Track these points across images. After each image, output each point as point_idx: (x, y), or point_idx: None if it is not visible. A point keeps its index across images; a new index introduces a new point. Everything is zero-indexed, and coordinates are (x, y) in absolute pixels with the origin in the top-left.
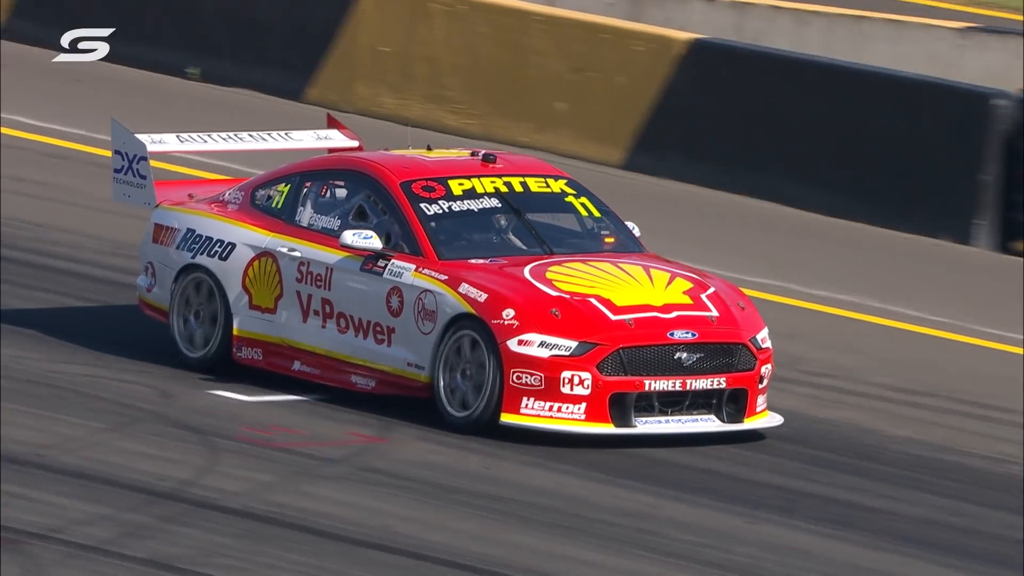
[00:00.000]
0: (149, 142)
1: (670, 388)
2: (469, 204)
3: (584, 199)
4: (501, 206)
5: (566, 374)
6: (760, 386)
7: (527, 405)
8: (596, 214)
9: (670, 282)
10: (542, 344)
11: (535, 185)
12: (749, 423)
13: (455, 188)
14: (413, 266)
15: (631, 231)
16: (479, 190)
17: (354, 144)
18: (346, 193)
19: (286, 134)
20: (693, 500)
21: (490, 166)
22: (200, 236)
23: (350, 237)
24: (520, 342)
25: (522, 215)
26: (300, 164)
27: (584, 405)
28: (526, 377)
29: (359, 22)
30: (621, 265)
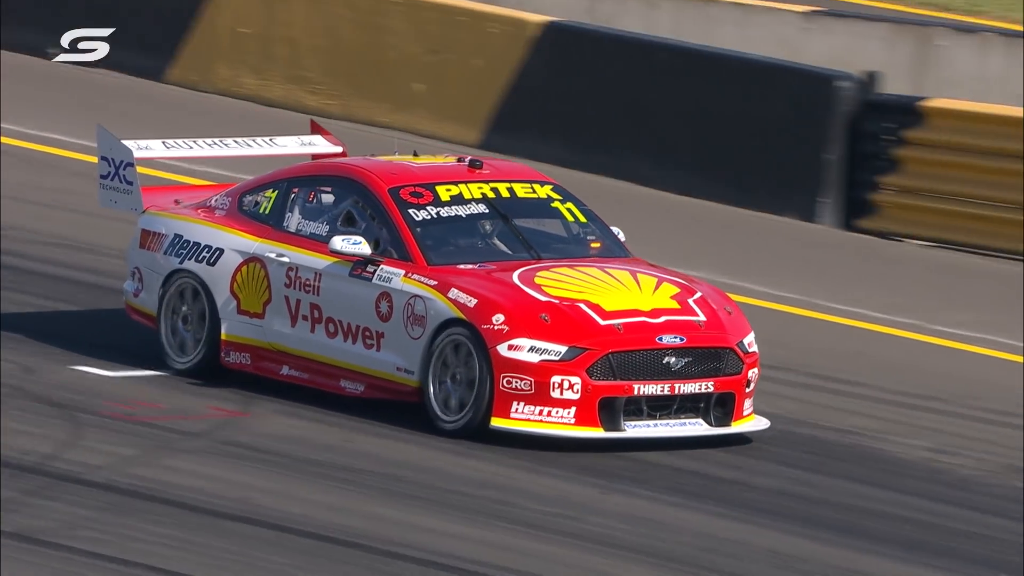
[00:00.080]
0: (135, 148)
1: (659, 392)
2: (457, 210)
3: (570, 204)
4: (488, 212)
5: (556, 379)
6: (747, 390)
7: (517, 409)
8: (582, 219)
9: (657, 287)
10: (532, 349)
11: (521, 191)
12: (736, 426)
13: (443, 194)
14: (402, 271)
15: (616, 236)
16: (466, 196)
17: (338, 150)
18: (334, 199)
19: (270, 140)
20: (547, 472)
21: (476, 172)
22: (188, 241)
23: (339, 243)
24: (510, 347)
25: (509, 221)
26: (287, 170)
27: (574, 409)
28: (516, 382)
29: (219, 4)
30: (608, 270)
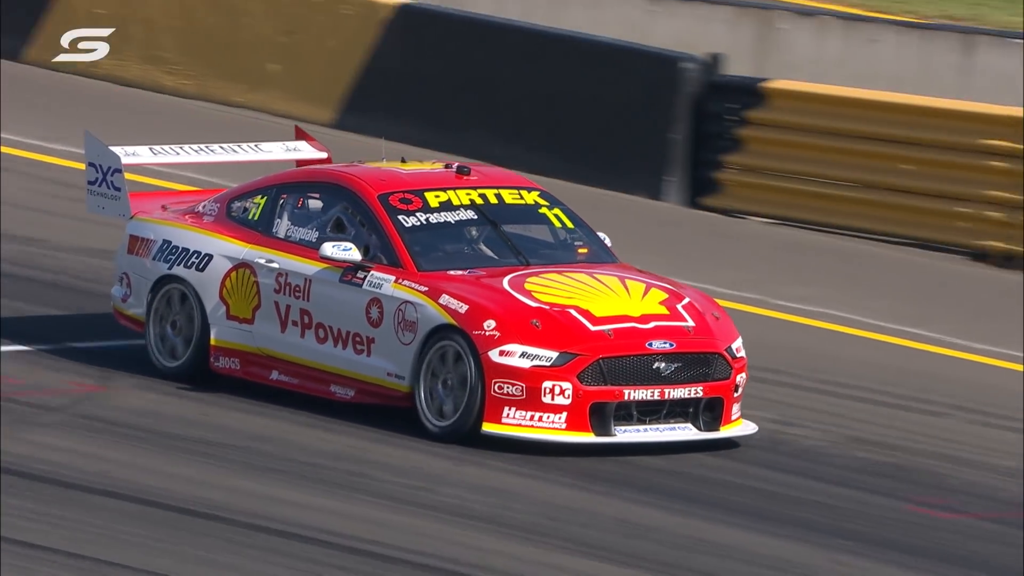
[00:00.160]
0: (123, 154)
1: (649, 397)
2: (446, 216)
3: (557, 210)
4: (477, 218)
5: (547, 384)
6: (735, 395)
7: (508, 415)
8: (569, 225)
9: (646, 292)
10: (523, 355)
11: (509, 197)
12: (725, 431)
13: (432, 200)
14: (392, 277)
15: (603, 241)
16: (455, 202)
17: (323, 155)
18: (323, 205)
19: (256, 146)
20: (402, 444)
21: (464, 178)
22: (177, 247)
23: (329, 249)
24: (501, 352)
25: (498, 227)
26: (276, 176)
27: (565, 414)
28: (507, 387)
29: None
30: (597, 276)
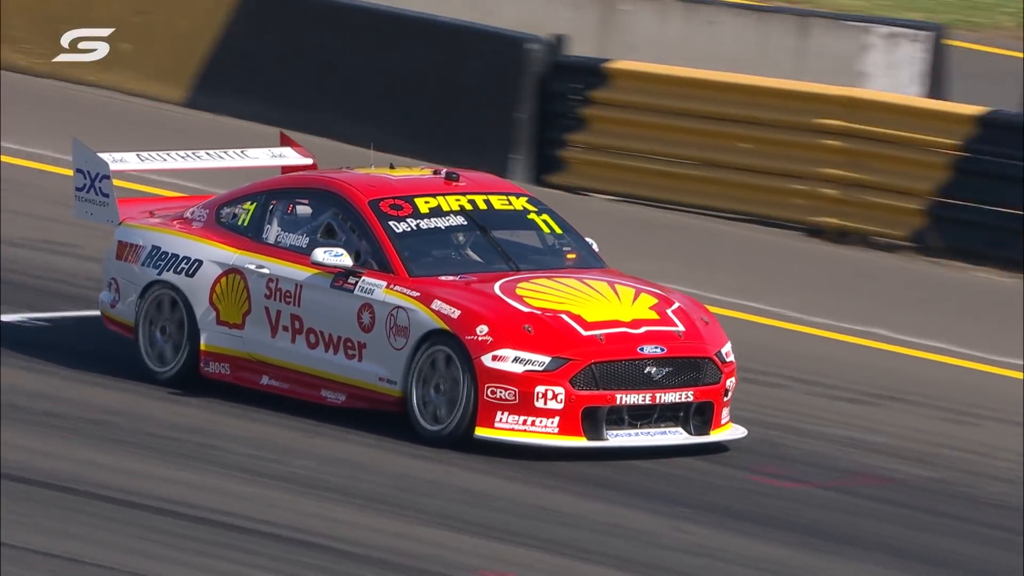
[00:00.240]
0: (110, 161)
1: (640, 402)
2: (436, 222)
3: (545, 216)
4: (467, 224)
5: (540, 389)
6: (725, 399)
7: (501, 419)
8: (557, 231)
9: (636, 297)
10: (516, 360)
11: (498, 203)
12: (715, 435)
13: (422, 206)
14: (384, 283)
15: (591, 247)
16: (445, 208)
17: (308, 161)
18: (313, 211)
19: (242, 152)
20: (253, 416)
21: (453, 184)
22: (166, 253)
23: (321, 255)
24: (494, 357)
25: (487, 232)
26: (265, 183)
27: (557, 419)
28: (500, 392)
29: None
30: (587, 281)
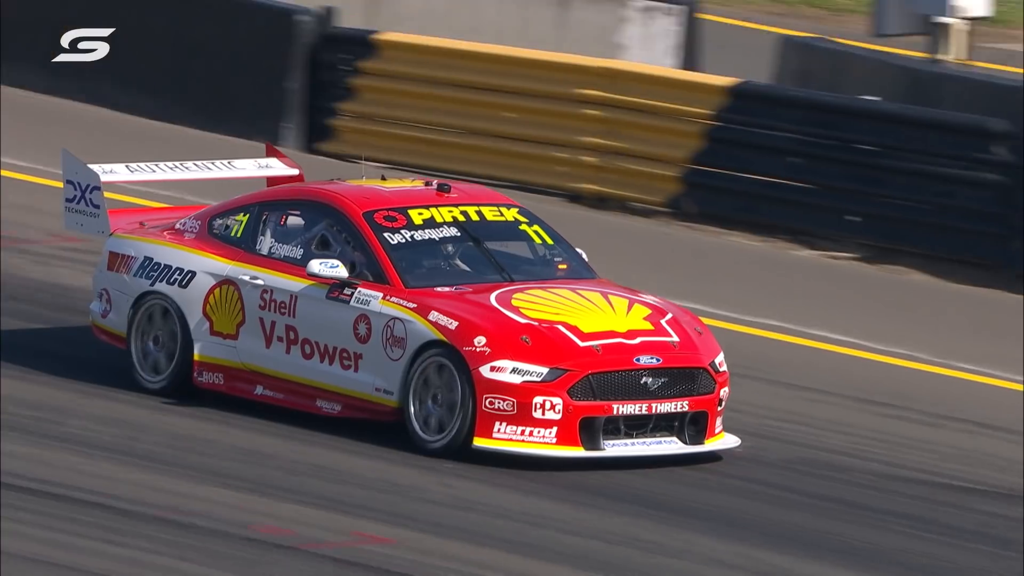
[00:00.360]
0: (100, 172)
1: (636, 412)
2: (430, 233)
3: (536, 227)
4: (460, 235)
5: (538, 399)
6: (718, 408)
7: (499, 429)
8: (549, 241)
9: (630, 308)
10: (514, 370)
11: (490, 214)
12: (709, 444)
13: (415, 218)
14: (380, 294)
15: (581, 257)
16: (438, 219)
17: (294, 172)
18: (306, 223)
19: (229, 163)
20: (32, 379)
21: (445, 196)
22: (159, 264)
23: (317, 266)
24: (492, 368)
25: (480, 243)
26: (258, 194)
27: (555, 429)
28: (498, 402)
29: None
30: (580, 292)
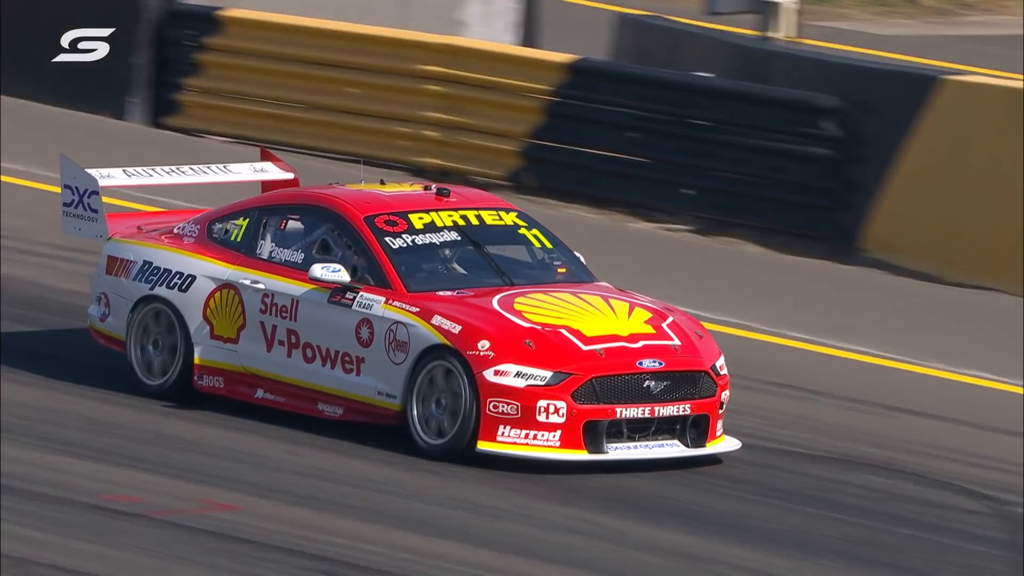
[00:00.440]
0: (98, 176)
1: (639, 415)
2: (431, 237)
3: (536, 231)
4: (461, 239)
5: (542, 403)
6: (719, 411)
7: (503, 433)
8: (548, 245)
9: (631, 312)
10: (518, 374)
11: (489, 218)
12: (711, 447)
13: (416, 222)
14: (382, 298)
15: (580, 261)
16: (438, 224)
17: (289, 176)
18: (307, 227)
19: (224, 167)
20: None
21: (444, 200)
22: (158, 268)
23: (319, 271)
24: (496, 372)
25: (481, 247)
26: (258, 198)
27: (559, 432)
28: (502, 406)
29: None
30: (581, 296)
